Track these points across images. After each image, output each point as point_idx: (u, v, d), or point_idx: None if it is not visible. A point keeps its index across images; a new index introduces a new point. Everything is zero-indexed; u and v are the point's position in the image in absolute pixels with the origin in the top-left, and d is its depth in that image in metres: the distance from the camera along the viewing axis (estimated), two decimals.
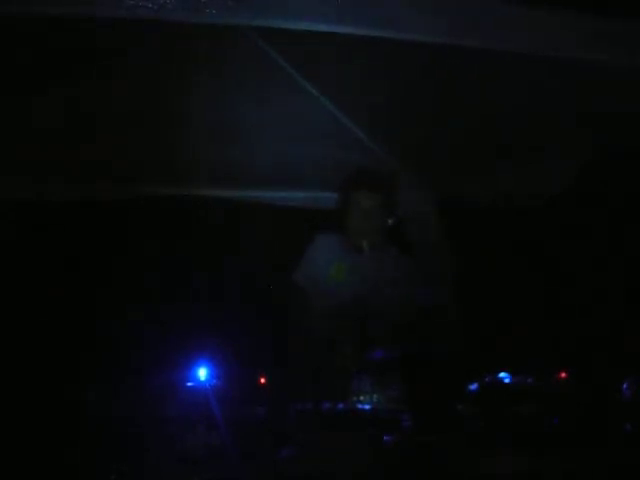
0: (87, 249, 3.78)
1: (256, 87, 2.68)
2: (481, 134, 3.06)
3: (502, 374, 2.22)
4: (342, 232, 2.92)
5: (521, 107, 2.79)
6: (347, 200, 2.87)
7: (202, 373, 2.18)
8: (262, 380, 2.24)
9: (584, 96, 2.64)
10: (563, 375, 2.25)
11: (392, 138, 3.22)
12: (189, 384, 2.18)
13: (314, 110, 2.86)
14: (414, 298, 2.88)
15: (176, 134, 3.01)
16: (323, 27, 2.03)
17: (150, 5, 1.83)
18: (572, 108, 2.75)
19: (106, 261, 3.81)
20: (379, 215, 2.86)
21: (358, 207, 2.84)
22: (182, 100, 2.73)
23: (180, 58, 2.39)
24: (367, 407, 2.16)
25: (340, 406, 2.14)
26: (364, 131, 3.12)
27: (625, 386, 2.17)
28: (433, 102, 2.78)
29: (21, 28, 2.03)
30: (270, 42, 2.34)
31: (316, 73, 2.61)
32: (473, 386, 2.21)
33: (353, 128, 3.07)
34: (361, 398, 2.18)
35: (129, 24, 1.98)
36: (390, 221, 2.89)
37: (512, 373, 2.22)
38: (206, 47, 2.30)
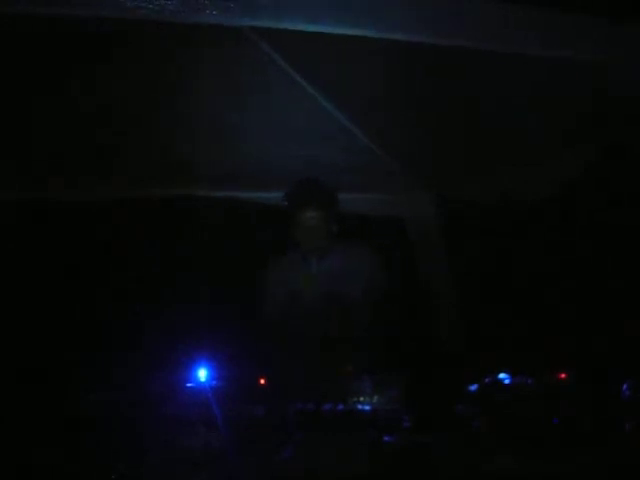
0: (87, 249, 3.78)
1: (256, 88, 2.67)
2: (481, 134, 3.06)
3: (502, 374, 2.22)
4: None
5: (521, 107, 2.79)
6: (291, 218, 2.98)
7: (202, 373, 2.19)
8: (262, 380, 2.24)
9: (584, 96, 2.64)
10: (563, 375, 2.25)
11: (392, 138, 3.22)
12: (189, 384, 2.18)
13: (314, 111, 2.86)
14: (382, 293, 3.01)
15: (176, 135, 3.01)
16: (323, 27, 2.03)
17: (151, 6, 1.84)
18: (572, 108, 2.75)
19: (106, 261, 3.81)
20: (323, 228, 2.97)
21: (302, 225, 2.95)
22: (182, 101, 2.73)
23: (180, 59, 2.39)
24: (367, 407, 2.16)
25: (340, 406, 2.14)
26: (364, 132, 3.12)
27: (625, 386, 2.17)
28: (433, 102, 2.78)
29: (21, 28, 2.03)
30: (270, 42, 2.34)
31: (316, 73, 2.61)
32: (473, 386, 2.22)
33: (353, 129, 3.07)
34: (361, 398, 2.18)
35: (130, 25, 1.98)
36: (335, 229, 3.00)
37: (512, 373, 2.22)
38: (206, 48, 2.29)
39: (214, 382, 2.17)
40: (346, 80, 2.65)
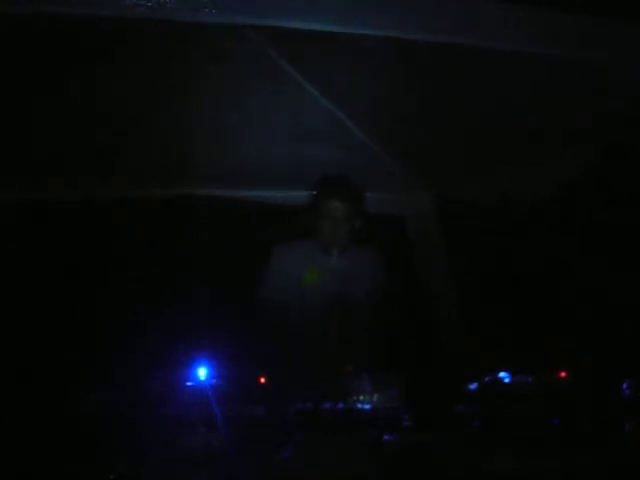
0: (87, 249, 3.78)
1: (256, 87, 2.67)
2: (481, 134, 3.05)
3: (502, 374, 2.22)
4: (308, 233, 3.01)
5: (521, 107, 2.79)
6: (317, 207, 2.94)
7: (202, 373, 2.18)
8: (262, 380, 2.24)
9: (584, 96, 2.64)
10: (563, 375, 2.25)
11: (392, 138, 3.22)
12: (189, 384, 2.18)
13: (314, 110, 2.86)
14: (384, 295, 3.01)
15: (176, 134, 3.01)
16: (323, 26, 2.03)
17: (150, 4, 1.83)
18: (572, 108, 2.75)
19: (106, 261, 3.81)
20: (348, 223, 2.94)
21: (328, 215, 2.92)
22: (182, 100, 2.73)
23: (180, 58, 2.39)
24: (367, 407, 2.16)
25: (340, 406, 2.14)
26: (364, 131, 3.12)
27: (625, 386, 2.17)
28: (433, 102, 2.78)
29: (21, 28, 2.03)
30: (270, 42, 2.34)
31: (316, 73, 2.61)
32: (473, 386, 2.21)
33: (353, 128, 3.07)
34: (361, 398, 2.18)
35: (129, 23, 1.97)
36: (358, 226, 2.97)
37: (512, 373, 2.22)
38: (206, 46, 2.29)
39: (214, 382, 2.17)
40: (346, 79, 2.65)
